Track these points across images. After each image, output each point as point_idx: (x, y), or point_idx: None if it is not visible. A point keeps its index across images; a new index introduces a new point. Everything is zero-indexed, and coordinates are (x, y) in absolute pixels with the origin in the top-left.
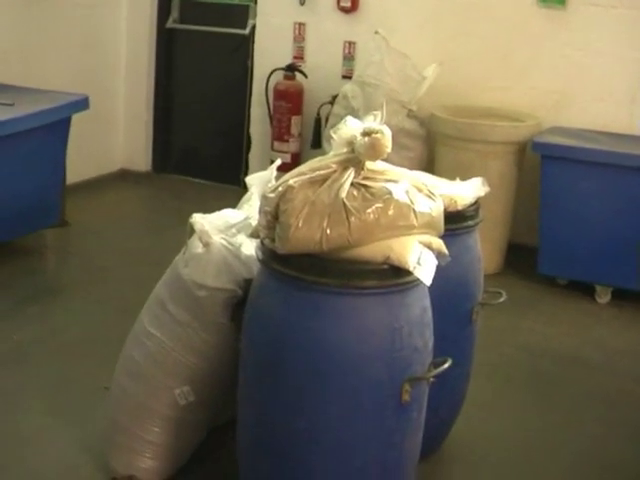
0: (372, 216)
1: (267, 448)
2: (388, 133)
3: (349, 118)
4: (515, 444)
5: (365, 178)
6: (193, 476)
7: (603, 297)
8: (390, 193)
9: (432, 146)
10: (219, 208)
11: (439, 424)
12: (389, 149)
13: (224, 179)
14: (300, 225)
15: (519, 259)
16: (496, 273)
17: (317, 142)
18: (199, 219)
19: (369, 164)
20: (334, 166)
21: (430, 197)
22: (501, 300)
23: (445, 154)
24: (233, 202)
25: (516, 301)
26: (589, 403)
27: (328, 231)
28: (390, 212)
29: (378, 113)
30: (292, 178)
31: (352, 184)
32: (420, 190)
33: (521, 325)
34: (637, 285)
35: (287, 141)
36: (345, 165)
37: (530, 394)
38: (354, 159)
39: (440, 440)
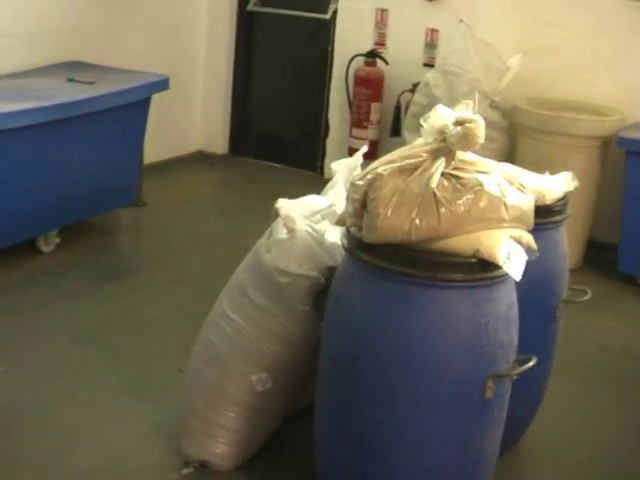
0: (463, 207)
1: (345, 438)
2: (482, 123)
3: (440, 106)
4: (592, 444)
5: (456, 168)
6: (266, 463)
7: None
8: (481, 185)
9: (513, 138)
10: (295, 193)
11: (517, 421)
12: (482, 140)
13: (301, 164)
14: (389, 214)
15: (598, 256)
16: (575, 269)
17: (396, 130)
18: (285, 204)
19: (460, 154)
20: (424, 155)
21: (521, 190)
22: (586, 298)
23: (526, 146)
24: (309, 187)
25: (595, 299)
26: None
27: (417, 221)
28: (481, 204)
29: (470, 102)
30: (381, 166)
31: (442, 174)
32: (511, 183)
33: (600, 324)
34: None
35: (366, 128)
36: (436, 154)
37: (608, 394)
38: (445, 149)
39: (518, 437)
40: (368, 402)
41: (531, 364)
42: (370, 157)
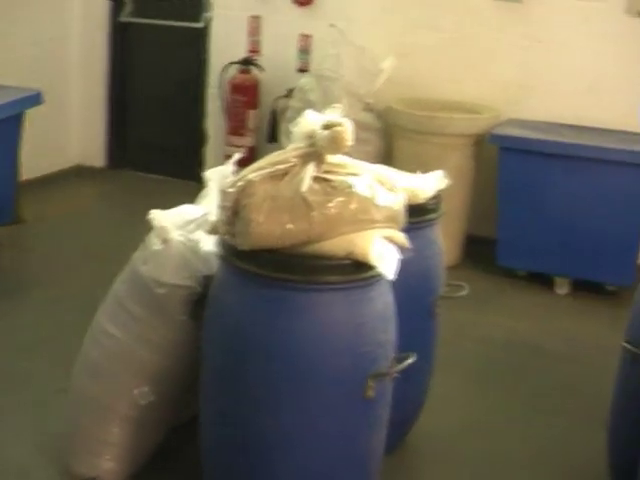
0: (334, 210)
1: (230, 445)
2: (350, 126)
3: (309, 111)
4: (478, 436)
5: (326, 172)
6: (154, 476)
7: (562, 288)
8: (352, 187)
9: (389, 139)
10: (175, 203)
11: (402, 419)
12: (350, 142)
13: (180, 174)
14: (261, 220)
15: (478, 251)
16: (455, 266)
17: (273, 136)
18: (157, 215)
19: (330, 157)
20: (294, 160)
21: (392, 190)
22: (463, 293)
23: (403, 147)
24: (189, 197)
25: (476, 293)
26: (551, 393)
27: (289, 226)
28: (352, 206)
29: (338, 106)
30: (252, 173)
31: (313, 178)
32: (382, 183)
33: (481, 317)
34: (595, 276)
35: (243, 135)
36: (305, 159)
37: (492, 386)
38: (314, 153)
39: (404, 434)
40: (251, 408)
41: (409, 361)
42: (248, 164)
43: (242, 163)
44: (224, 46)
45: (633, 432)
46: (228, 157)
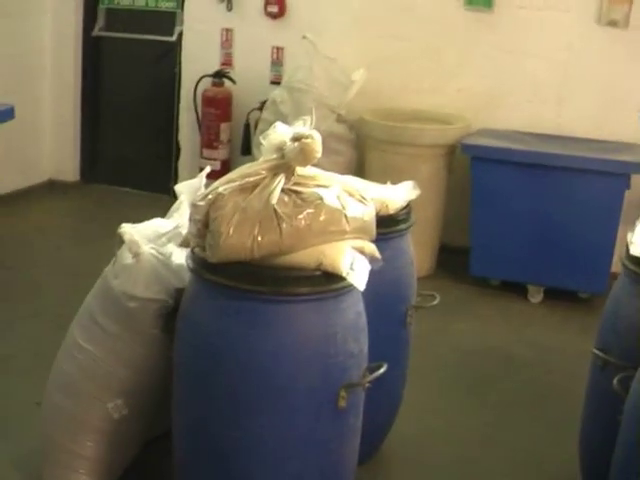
0: (303, 222)
1: (204, 458)
2: (318, 138)
3: (278, 124)
4: (452, 444)
5: (296, 184)
6: None
7: (535, 297)
8: (321, 198)
9: (362, 150)
10: (149, 217)
11: (377, 427)
12: (319, 154)
13: (153, 188)
14: (231, 233)
15: (451, 261)
16: (428, 275)
17: (247, 148)
18: (128, 229)
19: (299, 169)
20: (264, 172)
21: (362, 202)
22: (435, 303)
23: (375, 158)
24: (163, 211)
25: (449, 303)
26: (523, 400)
27: (259, 238)
28: (321, 217)
29: (308, 118)
30: (222, 185)
31: (283, 190)
32: (351, 195)
33: (455, 327)
34: (568, 284)
35: (217, 148)
36: (275, 171)
37: (465, 394)
38: (284, 165)
39: (378, 443)
40: (222, 420)
41: (381, 371)
42: (221, 177)
43: (216, 176)
44: (196, 59)
45: (604, 438)
46: (202, 170)
